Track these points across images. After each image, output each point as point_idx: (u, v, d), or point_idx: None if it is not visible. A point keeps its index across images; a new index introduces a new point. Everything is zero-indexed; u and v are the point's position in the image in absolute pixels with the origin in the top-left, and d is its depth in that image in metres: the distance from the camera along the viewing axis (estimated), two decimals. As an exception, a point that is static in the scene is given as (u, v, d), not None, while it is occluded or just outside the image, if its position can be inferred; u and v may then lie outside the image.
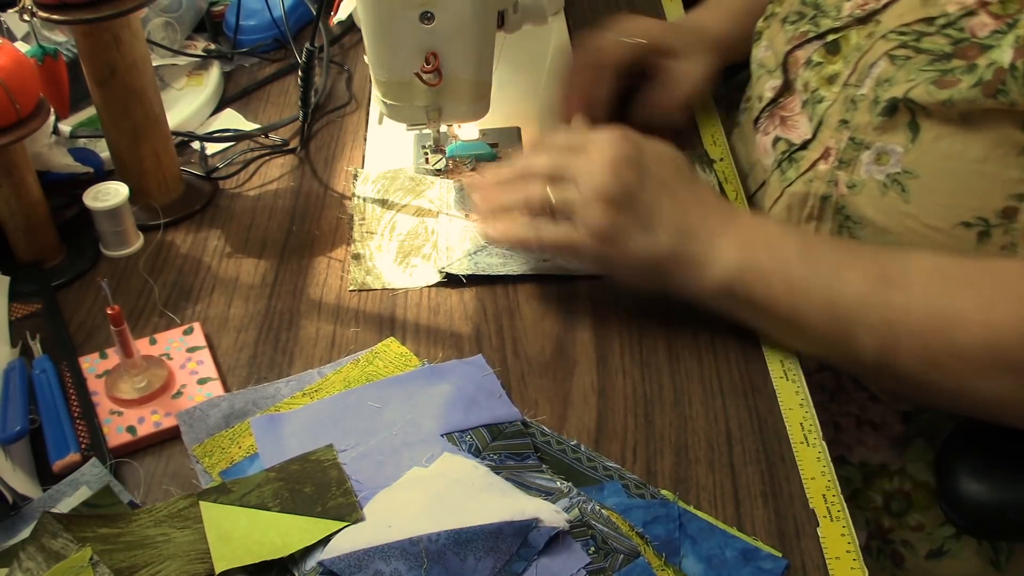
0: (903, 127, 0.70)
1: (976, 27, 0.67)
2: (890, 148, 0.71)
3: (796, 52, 0.82)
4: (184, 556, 0.57)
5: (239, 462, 0.64)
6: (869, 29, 0.75)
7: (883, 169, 0.71)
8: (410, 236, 0.84)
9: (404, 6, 0.75)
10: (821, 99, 0.78)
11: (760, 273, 0.68)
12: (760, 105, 0.87)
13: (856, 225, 0.75)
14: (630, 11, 1.17)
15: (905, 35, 0.71)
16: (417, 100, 0.82)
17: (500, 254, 0.81)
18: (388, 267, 0.81)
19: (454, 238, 0.83)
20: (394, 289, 0.79)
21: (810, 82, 0.79)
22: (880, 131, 0.71)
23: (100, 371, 0.71)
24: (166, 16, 1.04)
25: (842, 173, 0.74)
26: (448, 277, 0.79)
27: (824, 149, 0.76)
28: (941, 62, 0.68)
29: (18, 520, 0.60)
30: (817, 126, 0.78)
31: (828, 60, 0.78)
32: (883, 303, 0.65)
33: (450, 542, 0.55)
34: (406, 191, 0.89)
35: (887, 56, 0.72)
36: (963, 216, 0.69)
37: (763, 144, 0.86)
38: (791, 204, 0.79)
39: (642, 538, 0.59)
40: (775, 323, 0.69)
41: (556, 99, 0.92)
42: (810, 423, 0.68)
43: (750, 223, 0.70)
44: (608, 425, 0.68)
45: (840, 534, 0.60)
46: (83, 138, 0.91)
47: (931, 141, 0.69)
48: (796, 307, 0.67)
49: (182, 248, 0.84)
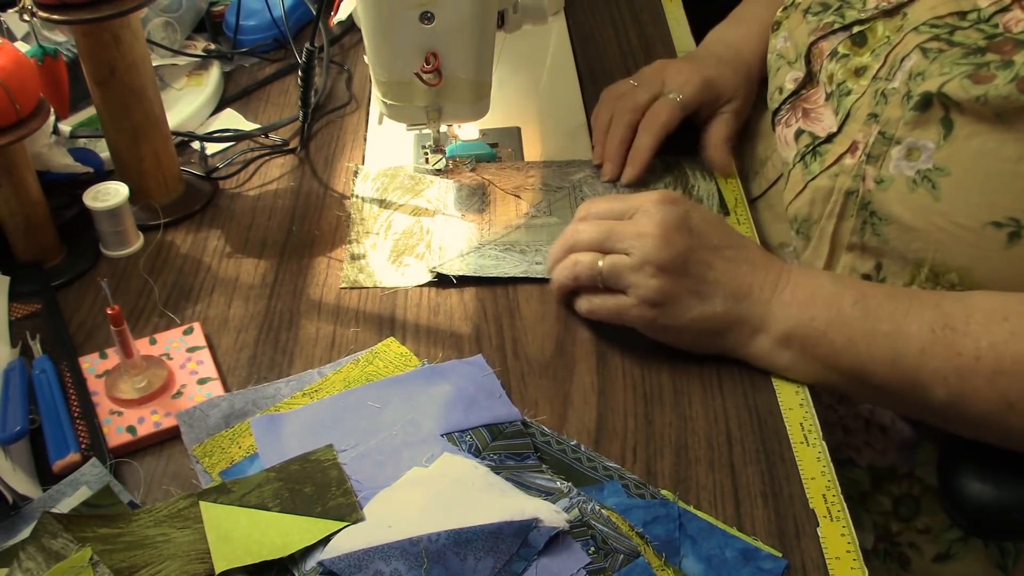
0: (936, 123, 0.69)
1: (1011, 22, 0.66)
2: (922, 144, 0.69)
3: (820, 43, 0.81)
4: (184, 556, 0.57)
5: (239, 462, 0.64)
6: (897, 22, 0.74)
7: (913, 165, 0.70)
8: (405, 235, 0.84)
9: (404, 6, 0.75)
10: (848, 91, 0.76)
11: (819, 330, 0.67)
12: (781, 97, 0.85)
13: (881, 222, 0.73)
14: (630, 11, 1.17)
15: (938, 27, 0.70)
16: (417, 100, 0.82)
17: (493, 256, 0.81)
18: (381, 265, 0.81)
19: (448, 238, 0.83)
20: (385, 288, 0.79)
21: (836, 74, 0.78)
22: (912, 126, 0.70)
23: (100, 371, 0.71)
24: (166, 16, 1.04)
25: (870, 168, 0.73)
26: (439, 277, 0.79)
27: (851, 143, 0.75)
28: (975, 55, 0.67)
29: (18, 520, 0.60)
30: (844, 119, 0.76)
31: (855, 52, 0.77)
32: (949, 350, 0.64)
33: (450, 542, 0.55)
34: (405, 190, 0.89)
35: (919, 49, 0.70)
36: (994, 216, 0.67)
37: (784, 136, 0.84)
38: (814, 198, 0.78)
39: (642, 538, 0.59)
40: (840, 378, 0.68)
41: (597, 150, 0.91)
42: (810, 423, 0.68)
43: (803, 279, 0.70)
44: (608, 425, 0.68)
45: (840, 534, 0.60)
46: (83, 138, 0.91)
47: (964, 138, 0.67)
48: (860, 361, 0.67)
49: (182, 248, 0.84)
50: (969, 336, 0.64)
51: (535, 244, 0.82)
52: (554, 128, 0.98)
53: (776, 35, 0.89)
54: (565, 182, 0.89)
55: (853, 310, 0.67)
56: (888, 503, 0.80)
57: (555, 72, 1.07)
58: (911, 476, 0.79)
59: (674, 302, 0.69)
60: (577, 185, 0.89)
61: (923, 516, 0.79)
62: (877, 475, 0.81)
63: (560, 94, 1.03)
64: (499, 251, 0.81)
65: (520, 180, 0.90)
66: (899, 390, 0.67)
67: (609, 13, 1.17)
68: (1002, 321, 0.64)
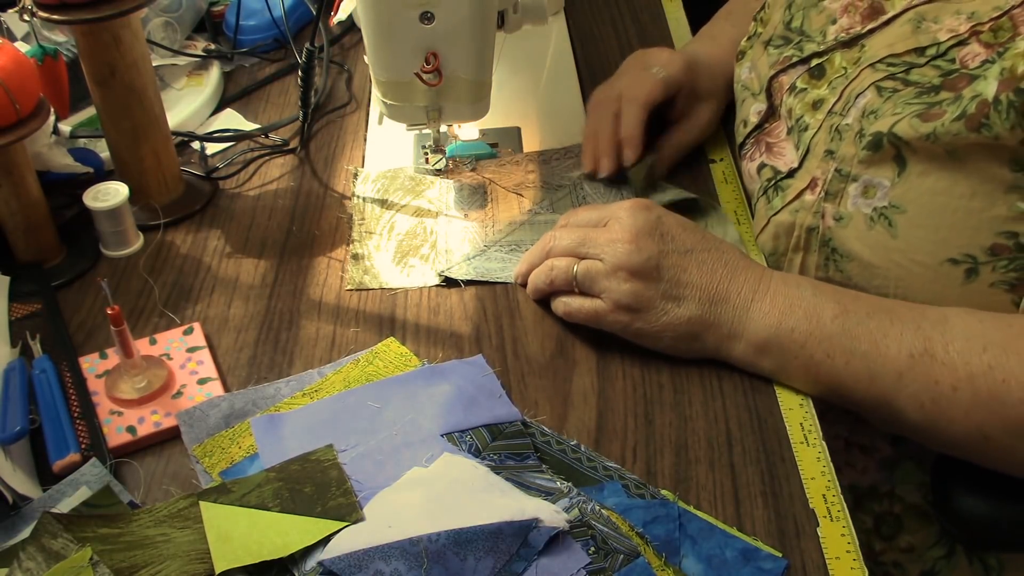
0: (889, 160, 0.69)
1: (967, 57, 0.66)
2: (877, 181, 0.70)
3: (780, 77, 0.81)
4: (184, 556, 0.57)
5: (239, 462, 0.64)
6: (855, 54, 0.74)
7: (870, 203, 0.70)
8: (408, 236, 0.84)
9: (404, 6, 0.75)
10: (806, 127, 0.76)
11: (798, 342, 0.67)
12: (745, 131, 0.86)
13: (842, 259, 0.73)
14: (630, 11, 1.17)
15: (894, 66, 0.70)
16: (417, 100, 0.82)
17: (500, 259, 0.81)
18: (386, 267, 0.81)
19: (453, 240, 0.83)
20: (392, 289, 0.79)
21: (794, 109, 0.78)
22: (867, 164, 0.70)
23: (100, 371, 0.71)
24: (166, 16, 1.04)
25: (829, 205, 0.73)
26: (446, 281, 0.79)
27: (811, 179, 0.75)
28: (928, 95, 0.67)
29: (18, 520, 0.60)
30: (804, 155, 0.76)
31: (812, 85, 0.77)
32: (927, 377, 0.64)
33: (450, 542, 0.55)
34: (405, 191, 0.89)
35: (875, 87, 0.71)
36: (950, 253, 0.68)
37: (748, 170, 0.85)
38: (777, 233, 0.78)
39: (642, 538, 0.59)
40: (816, 386, 0.69)
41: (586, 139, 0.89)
42: (810, 423, 0.68)
43: (783, 287, 0.69)
44: (608, 425, 0.68)
45: (840, 534, 0.60)
46: (83, 138, 0.91)
47: (918, 176, 0.68)
48: (838, 377, 0.67)
49: (182, 248, 0.84)
50: (947, 365, 0.63)
51: None
52: (554, 128, 0.98)
53: (741, 65, 0.88)
54: (565, 180, 0.89)
55: (832, 325, 0.67)
56: (869, 521, 0.80)
57: (555, 72, 1.07)
58: (892, 495, 0.79)
59: (648, 307, 0.69)
60: (578, 183, 0.89)
61: (905, 535, 0.79)
62: (858, 494, 0.81)
63: (560, 94, 1.03)
64: (504, 252, 0.81)
65: (520, 177, 0.90)
66: (875, 408, 0.67)
67: (609, 13, 1.17)
68: (981, 352, 0.63)
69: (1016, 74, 0.62)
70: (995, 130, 0.63)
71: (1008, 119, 0.62)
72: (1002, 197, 0.65)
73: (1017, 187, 0.65)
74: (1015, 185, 0.65)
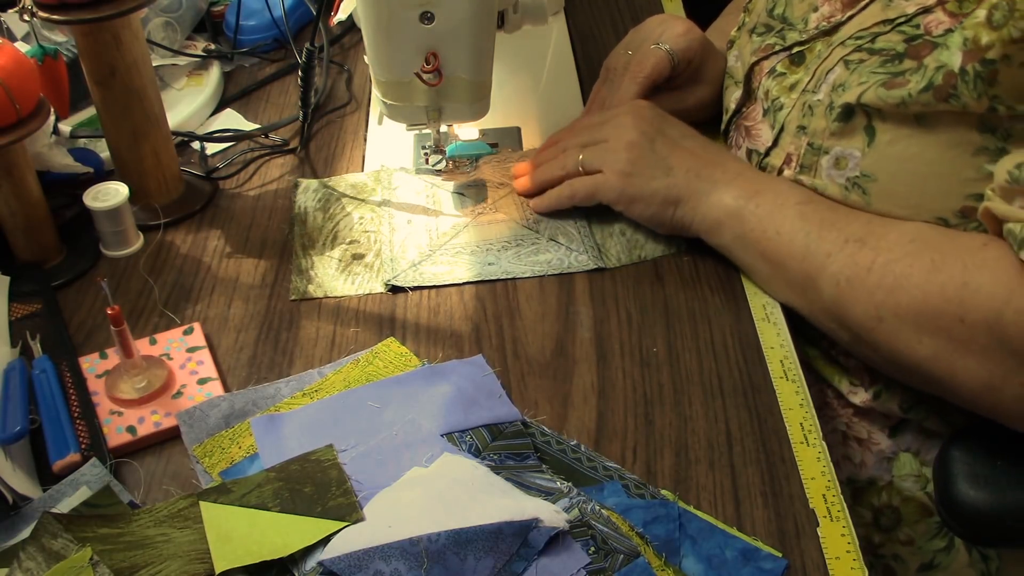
0: (860, 131, 0.71)
1: (932, 24, 0.67)
2: (848, 152, 0.72)
3: (762, 63, 0.83)
4: (184, 556, 0.57)
5: (239, 462, 0.64)
6: (832, 40, 0.76)
7: (843, 173, 0.72)
8: (353, 245, 0.83)
9: (404, 6, 0.75)
10: (781, 106, 0.79)
11: (760, 216, 0.74)
12: (727, 117, 0.87)
13: None
14: (630, 11, 1.17)
15: (861, 39, 0.72)
16: (417, 100, 0.82)
17: (445, 263, 0.81)
18: (330, 275, 0.80)
19: (398, 248, 0.82)
20: (337, 297, 0.78)
21: (771, 90, 0.80)
22: (837, 136, 0.72)
23: (100, 371, 0.71)
24: (166, 16, 1.04)
25: (804, 178, 0.75)
26: (393, 289, 0.79)
27: (786, 155, 0.78)
28: (893, 63, 0.69)
29: (18, 520, 0.60)
30: (778, 133, 0.79)
31: (791, 71, 0.79)
32: (849, 259, 0.69)
33: (450, 542, 0.55)
34: (348, 199, 0.88)
35: (843, 61, 0.73)
36: (923, 217, 0.69)
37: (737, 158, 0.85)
38: None
39: (642, 538, 0.59)
40: (756, 260, 0.75)
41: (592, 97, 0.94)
42: (810, 423, 0.68)
43: (761, 176, 0.77)
44: (608, 425, 0.68)
45: (840, 534, 0.60)
46: (83, 138, 0.91)
47: (887, 144, 0.69)
48: (778, 249, 0.73)
49: (182, 248, 0.84)
50: (873, 249, 0.68)
51: (484, 244, 0.82)
52: (554, 128, 0.97)
53: (730, 53, 0.91)
54: None
55: (794, 209, 0.73)
56: (868, 515, 0.81)
57: (555, 72, 1.07)
58: (890, 487, 0.80)
59: (641, 172, 0.79)
60: None
61: (904, 527, 0.80)
62: (856, 488, 0.81)
63: (560, 94, 1.03)
64: (450, 256, 0.81)
65: None
66: (798, 284, 0.73)
67: (609, 13, 1.17)
68: (907, 243, 0.67)
69: (980, 44, 0.63)
70: (963, 100, 0.64)
71: (975, 89, 0.64)
72: (970, 160, 0.67)
73: (985, 149, 0.66)
74: (983, 147, 0.66)
